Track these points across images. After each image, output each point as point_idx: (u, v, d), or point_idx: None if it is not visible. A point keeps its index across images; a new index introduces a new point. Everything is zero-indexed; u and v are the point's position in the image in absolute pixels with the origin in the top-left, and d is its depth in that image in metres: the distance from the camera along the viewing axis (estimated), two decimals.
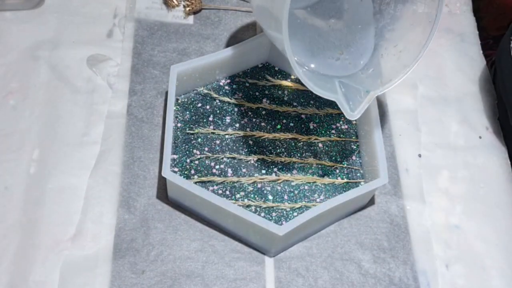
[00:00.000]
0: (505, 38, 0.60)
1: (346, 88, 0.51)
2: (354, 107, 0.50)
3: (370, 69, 0.53)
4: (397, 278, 0.51)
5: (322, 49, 0.55)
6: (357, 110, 0.50)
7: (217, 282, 0.50)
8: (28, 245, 0.50)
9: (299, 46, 0.55)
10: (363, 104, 0.50)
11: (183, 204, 0.52)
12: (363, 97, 0.50)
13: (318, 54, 0.54)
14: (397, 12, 0.52)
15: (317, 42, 0.55)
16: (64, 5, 0.64)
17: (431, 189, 0.57)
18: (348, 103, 0.50)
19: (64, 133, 0.56)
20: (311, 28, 0.56)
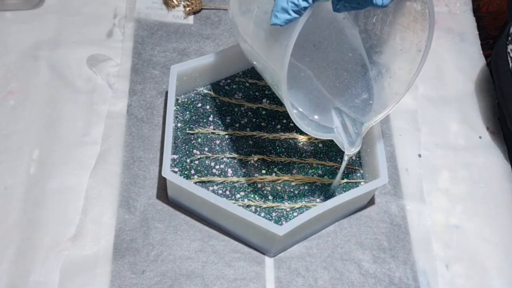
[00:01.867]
0: (501, 43, 0.60)
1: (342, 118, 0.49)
2: (351, 141, 0.48)
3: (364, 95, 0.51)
4: (397, 278, 0.51)
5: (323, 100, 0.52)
6: (356, 144, 0.48)
7: (217, 282, 0.50)
8: (28, 245, 0.50)
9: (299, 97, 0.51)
10: (360, 137, 0.49)
11: (183, 204, 0.52)
12: (359, 129, 0.49)
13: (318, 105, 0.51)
14: (383, 34, 0.50)
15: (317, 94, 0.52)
16: (64, 5, 0.64)
17: (431, 189, 0.57)
18: (346, 137, 0.48)
19: (64, 133, 0.56)
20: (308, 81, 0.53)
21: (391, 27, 0.48)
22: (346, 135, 0.48)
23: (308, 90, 0.50)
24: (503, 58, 0.58)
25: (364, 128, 0.49)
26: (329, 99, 0.50)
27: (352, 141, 0.48)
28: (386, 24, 0.49)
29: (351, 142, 0.48)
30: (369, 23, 0.50)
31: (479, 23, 0.70)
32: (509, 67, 0.57)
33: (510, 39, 0.58)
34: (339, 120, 0.49)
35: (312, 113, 0.49)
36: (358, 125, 0.49)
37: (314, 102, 0.50)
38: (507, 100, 0.57)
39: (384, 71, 0.50)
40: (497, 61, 0.60)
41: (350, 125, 0.49)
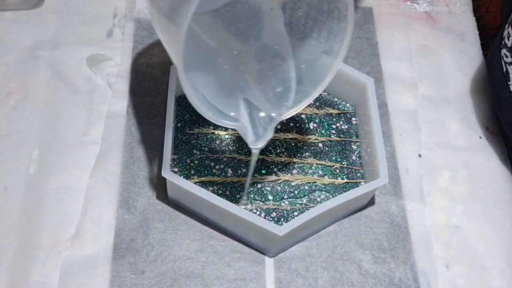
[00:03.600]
0: (494, 46, 0.60)
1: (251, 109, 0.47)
2: (258, 135, 0.46)
3: (278, 88, 0.49)
4: (397, 278, 0.51)
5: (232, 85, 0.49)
6: (262, 139, 0.46)
7: (217, 282, 0.50)
8: (28, 245, 0.50)
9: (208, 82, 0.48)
10: (268, 132, 0.46)
11: (183, 204, 0.52)
12: (268, 123, 0.46)
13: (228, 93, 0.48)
14: (307, 29, 0.48)
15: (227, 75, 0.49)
16: (64, 5, 0.64)
17: (431, 189, 0.57)
18: (252, 130, 0.46)
19: (64, 133, 0.56)
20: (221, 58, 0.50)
21: (315, 22, 0.47)
22: (252, 127, 0.46)
23: (220, 77, 0.48)
24: (497, 62, 0.58)
25: (274, 122, 0.47)
26: (241, 89, 0.48)
27: (258, 134, 0.46)
28: (310, 18, 0.47)
29: (256, 135, 0.46)
30: (294, 16, 0.48)
31: (479, 23, 0.70)
32: (503, 71, 0.57)
33: (503, 43, 0.57)
34: (247, 111, 0.47)
35: (219, 101, 0.46)
36: (267, 119, 0.47)
37: (224, 90, 0.48)
38: (502, 103, 0.57)
39: (302, 66, 0.49)
40: (491, 65, 0.60)
41: (259, 118, 0.47)
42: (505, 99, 0.57)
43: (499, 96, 0.58)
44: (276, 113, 0.47)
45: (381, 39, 0.66)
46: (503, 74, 0.57)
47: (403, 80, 0.64)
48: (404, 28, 0.68)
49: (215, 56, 0.48)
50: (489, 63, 0.61)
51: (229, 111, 0.46)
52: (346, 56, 0.63)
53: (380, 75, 0.64)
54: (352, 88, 0.57)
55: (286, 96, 0.48)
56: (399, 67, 0.65)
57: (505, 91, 0.56)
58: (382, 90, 0.62)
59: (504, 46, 0.57)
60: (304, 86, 0.48)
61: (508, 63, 0.56)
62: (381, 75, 0.64)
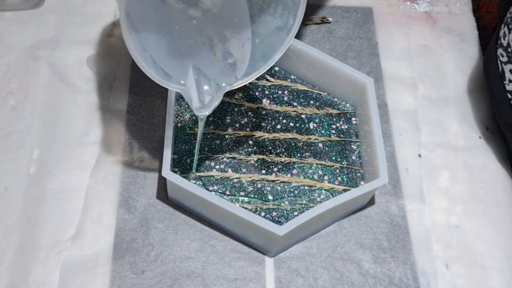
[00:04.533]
0: (491, 47, 0.60)
1: (200, 76, 0.47)
2: (203, 100, 0.46)
3: (230, 59, 0.49)
4: (397, 278, 0.51)
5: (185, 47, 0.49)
6: (206, 106, 0.46)
7: (217, 282, 0.50)
8: (28, 245, 0.50)
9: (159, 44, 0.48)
10: (214, 99, 0.47)
11: (183, 204, 0.52)
12: (214, 91, 0.47)
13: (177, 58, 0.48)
14: (264, 4, 0.48)
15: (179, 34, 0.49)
16: (64, 5, 0.64)
17: (431, 189, 0.57)
18: (198, 96, 0.46)
19: (64, 133, 0.56)
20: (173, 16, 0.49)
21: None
22: (199, 94, 0.46)
23: (173, 42, 0.48)
24: (493, 62, 0.58)
25: (221, 91, 0.47)
26: (193, 56, 0.48)
27: (203, 101, 0.46)
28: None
29: (202, 101, 0.47)
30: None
31: (479, 23, 0.70)
32: (499, 70, 0.57)
33: (499, 43, 0.57)
34: (195, 78, 0.47)
35: (169, 64, 0.47)
36: (214, 87, 0.47)
37: (175, 54, 0.48)
38: (499, 104, 0.57)
39: (257, 41, 0.49)
40: (488, 65, 0.60)
41: (206, 86, 0.47)
42: (502, 99, 0.57)
43: (495, 96, 0.58)
44: (225, 82, 0.48)
45: (381, 39, 0.66)
46: (499, 74, 0.57)
47: (403, 80, 0.64)
48: (404, 28, 0.68)
49: (172, 21, 0.48)
50: (485, 63, 0.61)
51: (178, 76, 0.46)
52: (346, 56, 0.64)
53: (380, 75, 0.64)
54: (352, 88, 0.57)
55: (236, 68, 0.49)
56: (399, 67, 0.65)
57: (501, 90, 0.56)
58: (382, 90, 0.62)
59: (500, 46, 0.57)
60: (256, 60, 0.49)
61: (504, 62, 0.56)
62: (381, 75, 0.64)
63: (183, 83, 0.46)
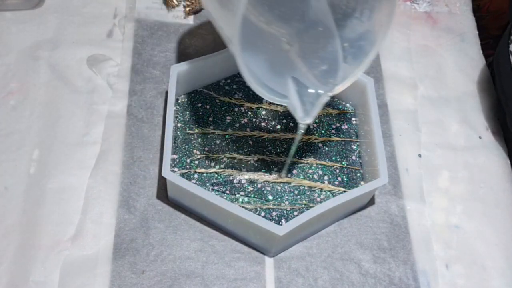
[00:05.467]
0: (503, 42, 0.60)
1: (300, 87, 0.49)
2: (306, 111, 0.48)
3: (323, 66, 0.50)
4: (397, 278, 0.51)
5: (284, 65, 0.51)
6: (310, 114, 0.48)
7: (217, 282, 0.50)
8: (28, 245, 0.50)
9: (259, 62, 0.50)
10: (315, 107, 0.48)
11: (183, 204, 0.52)
12: (316, 100, 0.48)
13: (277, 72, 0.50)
14: (349, 9, 0.49)
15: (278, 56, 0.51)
16: (64, 5, 0.64)
17: (431, 189, 0.57)
18: (301, 106, 0.48)
19: (64, 133, 0.56)
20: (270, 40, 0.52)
21: (357, 2, 0.48)
22: (301, 104, 0.48)
23: (269, 56, 0.50)
24: (504, 57, 0.58)
25: (321, 98, 0.48)
26: (289, 68, 0.50)
27: (306, 110, 0.48)
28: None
29: (305, 111, 0.48)
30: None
31: (479, 23, 0.70)
32: (510, 66, 0.57)
33: (511, 39, 0.58)
34: (296, 89, 0.48)
35: (269, 79, 0.48)
36: (314, 96, 0.48)
37: (274, 68, 0.49)
38: (508, 100, 0.57)
39: (346, 45, 0.50)
40: (498, 61, 0.60)
41: (307, 95, 0.48)
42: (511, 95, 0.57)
43: (505, 92, 0.58)
44: (323, 89, 0.49)
45: None
46: (510, 70, 0.57)
47: (403, 80, 0.64)
48: (404, 28, 0.68)
49: (262, 37, 0.50)
50: (496, 59, 0.61)
51: (279, 89, 0.48)
52: None
53: (380, 75, 0.64)
54: (352, 88, 0.57)
55: (332, 74, 0.50)
56: (399, 67, 0.65)
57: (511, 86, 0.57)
58: (382, 90, 0.62)
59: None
60: (349, 63, 0.49)
61: None
62: (381, 75, 0.64)
63: (285, 95, 0.48)
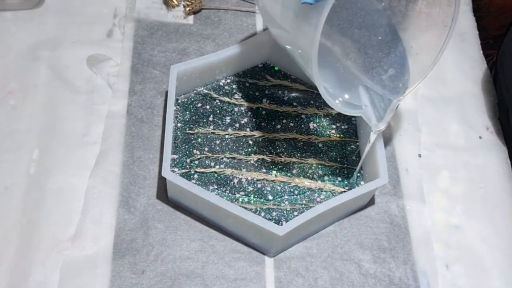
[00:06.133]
0: (507, 40, 0.60)
1: (370, 94, 0.50)
2: (380, 117, 0.49)
3: (390, 71, 0.51)
4: (397, 278, 0.51)
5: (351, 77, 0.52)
6: (384, 120, 0.49)
7: (217, 282, 0.50)
8: (28, 245, 0.50)
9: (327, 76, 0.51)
10: (388, 113, 0.49)
11: (183, 204, 0.52)
12: (387, 105, 0.49)
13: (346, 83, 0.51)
14: (408, 11, 0.50)
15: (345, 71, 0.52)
16: (64, 5, 0.64)
17: (431, 189, 0.57)
18: (374, 115, 0.49)
19: (64, 133, 0.56)
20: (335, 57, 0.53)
21: (415, 3, 0.49)
22: (374, 111, 0.49)
23: (335, 69, 0.51)
24: (509, 55, 0.58)
25: (393, 104, 0.49)
26: (357, 77, 0.51)
27: (380, 117, 0.49)
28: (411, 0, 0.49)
29: (379, 117, 0.49)
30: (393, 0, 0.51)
31: (479, 23, 0.70)
32: None
33: None
34: (367, 97, 0.49)
35: (340, 91, 0.49)
36: (386, 101, 0.49)
37: (342, 80, 0.50)
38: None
39: (410, 47, 0.51)
40: (503, 58, 0.60)
41: (378, 101, 0.49)
42: None
43: (509, 89, 0.58)
44: (394, 94, 0.49)
45: None
46: None
47: None
48: None
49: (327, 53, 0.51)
50: (500, 57, 0.61)
51: (354, 100, 0.49)
52: None
53: None
54: None
55: (400, 77, 0.50)
56: None
57: None
58: None
59: None
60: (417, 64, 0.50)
61: None
62: None
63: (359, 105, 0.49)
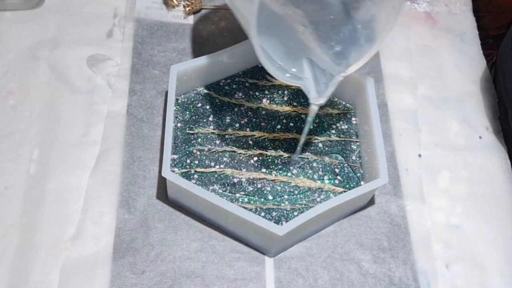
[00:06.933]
0: (506, 40, 0.60)
1: (314, 68, 0.50)
2: (320, 92, 0.49)
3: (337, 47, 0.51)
4: (397, 278, 0.51)
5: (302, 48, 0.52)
6: (324, 94, 0.49)
7: (217, 282, 0.50)
8: (28, 245, 0.50)
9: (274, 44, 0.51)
10: (329, 88, 0.49)
11: (183, 204, 0.52)
12: (329, 81, 0.49)
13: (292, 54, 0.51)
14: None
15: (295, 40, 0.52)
16: (64, 5, 0.64)
17: (431, 189, 0.57)
18: (315, 87, 0.49)
19: (64, 133, 0.56)
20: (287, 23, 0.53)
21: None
22: (315, 84, 0.49)
23: (283, 39, 0.51)
24: (507, 55, 0.58)
25: (335, 79, 0.49)
26: (303, 49, 0.51)
27: (320, 91, 0.49)
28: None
29: (319, 91, 0.49)
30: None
31: (479, 23, 0.70)
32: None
33: None
34: (310, 70, 0.49)
35: (284, 61, 0.50)
36: (328, 76, 0.50)
37: (288, 51, 0.50)
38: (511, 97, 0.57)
39: (359, 26, 0.51)
40: (502, 58, 0.60)
41: (321, 76, 0.50)
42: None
43: (508, 89, 0.58)
44: (337, 70, 0.50)
45: None
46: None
47: (403, 80, 0.64)
48: (404, 28, 0.68)
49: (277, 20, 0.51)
50: (499, 57, 0.61)
51: (294, 71, 0.49)
52: None
53: (380, 75, 0.64)
54: (352, 88, 0.57)
55: (345, 55, 0.51)
56: (399, 67, 0.65)
57: None
58: (382, 90, 0.62)
59: None
60: (362, 45, 0.51)
61: None
62: (381, 75, 0.64)
63: (300, 77, 0.50)
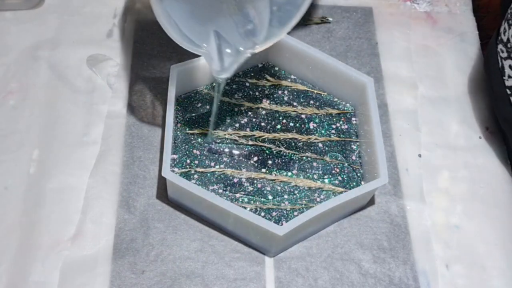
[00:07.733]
0: (492, 42, 0.60)
1: (221, 41, 0.49)
2: (224, 66, 0.49)
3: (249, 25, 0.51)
4: (397, 278, 0.51)
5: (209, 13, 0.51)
6: (226, 69, 0.48)
7: (217, 282, 0.50)
8: (28, 245, 0.50)
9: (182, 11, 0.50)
10: (233, 63, 0.49)
11: (183, 204, 0.52)
12: (235, 56, 0.49)
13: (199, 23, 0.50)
14: None
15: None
16: (64, 5, 0.64)
17: (431, 189, 0.57)
18: (218, 59, 0.48)
19: (64, 133, 0.56)
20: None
21: None
22: (219, 58, 0.49)
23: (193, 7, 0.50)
24: (493, 57, 0.58)
25: (240, 55, 0.49)
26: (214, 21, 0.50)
27: (224, 66, 0.49)
28: None
29: (223, 66, 0.49)
30: None
31: (479, 23, 0.70)
32: (499, 66, 0.57)
33: (500, 39, 0.57)
34: (216, 42, 0.49)
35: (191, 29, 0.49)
36: (234, 51, 0.49)
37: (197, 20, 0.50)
38: (498, 100, 0.58)
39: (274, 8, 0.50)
40: (488, 61, 0.60)
41: (227, 50, 0.49)
42: (501, 95, 0.57)
43: (495, 92, 0.58)
44: (244, 46, 0.49)
45: (381, 39, 0.66)
46: (499, 70, 0.57)
47: (403, 80, 0.64)
48: (404, 28, 0.68)
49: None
50: (486, 59, 0.61)
51: (200, 41, 0.49)
52: (346, 56, 0.64)
53: (380, 75, 0.64)
54: (352, 88, 0.57)
55: (255, 34, 0.50)
56: (399, 67, 0.65)
57: (500, 86, 0.57)
58: (382, 90, 0.62)
59: (500, 42, 0.57)
60: (274, 27, 0.50)
61: (504, 58, 0.56)
62: (381, 75, 0.64)
63: (205, 46, 0.49)
